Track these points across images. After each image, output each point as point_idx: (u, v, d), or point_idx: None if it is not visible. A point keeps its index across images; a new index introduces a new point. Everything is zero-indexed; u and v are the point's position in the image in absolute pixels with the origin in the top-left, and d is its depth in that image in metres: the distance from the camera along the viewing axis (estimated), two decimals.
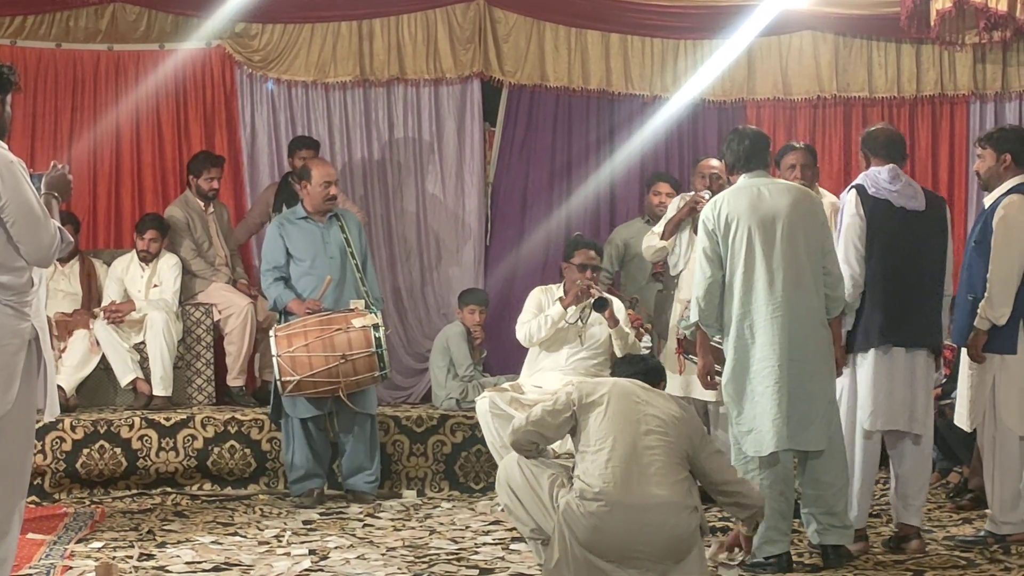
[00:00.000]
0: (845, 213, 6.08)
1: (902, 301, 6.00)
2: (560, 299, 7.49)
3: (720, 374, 5.90)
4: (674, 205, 7.62)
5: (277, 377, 7.24)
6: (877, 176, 6.08)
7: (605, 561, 5.04)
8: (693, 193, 7.47)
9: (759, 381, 5.68)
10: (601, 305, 7.31)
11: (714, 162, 7.59)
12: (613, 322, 7.40)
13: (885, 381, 6.00)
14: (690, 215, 7.32)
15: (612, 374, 5.78)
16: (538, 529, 5.29)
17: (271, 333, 7.35)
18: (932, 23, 8.71)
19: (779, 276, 5.67)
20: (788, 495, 5.75)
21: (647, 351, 7.83)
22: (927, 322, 6.11)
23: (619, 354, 7.22)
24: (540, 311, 7.58)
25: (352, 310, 7.40)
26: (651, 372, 5.57)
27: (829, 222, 6.07)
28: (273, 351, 7.24)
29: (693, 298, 5.89)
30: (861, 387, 6.03)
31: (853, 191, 6.10)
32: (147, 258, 8.49)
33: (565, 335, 7.50)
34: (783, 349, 5.63)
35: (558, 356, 7.50)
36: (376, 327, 7.27)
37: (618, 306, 7.58)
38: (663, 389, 5.50)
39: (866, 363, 6.03)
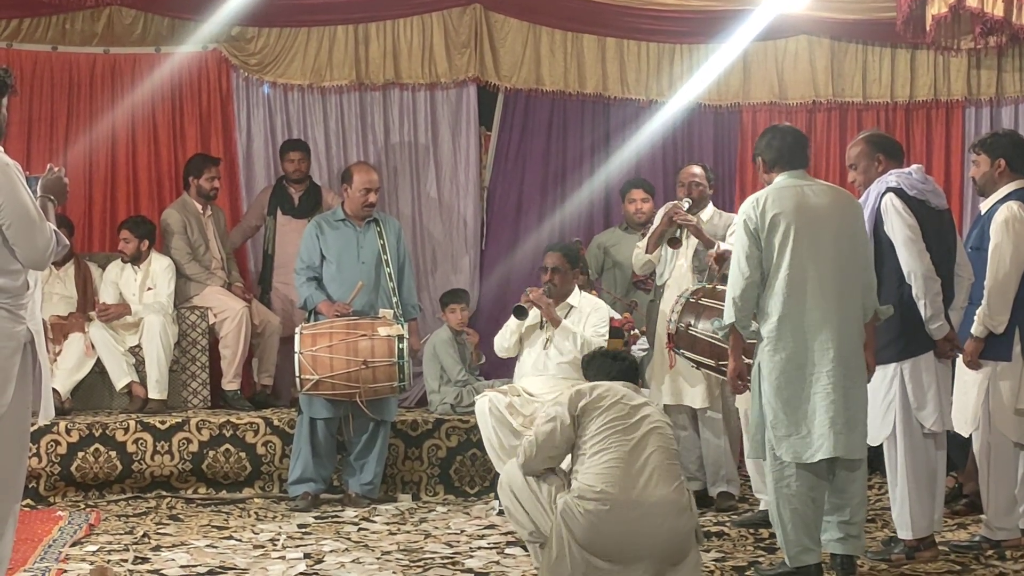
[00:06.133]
0: (893, 219, 5.87)
1: (948, 301, 5.93)
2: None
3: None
4: (659, 216, 7.54)
5: (297, 374, 7.28)
6: (909, 177, 5.95)
7: (603, 560, 5.07)
8: (673, 203, 7.42)
9: (807, 386, 5.44)
10: (518, 312, 7.31)
11: (696, 169, 7.58)
12: (554, 322, 7.31)
13: (945, 382, 5.96)
14: (670, 226, 7.29)
15: (586, 373, 5.75)
16: (536, 532, 5.32)
17: (297, 330, 7.40)
18: (928, 28, 8.70)
19: (829, 279, 5.47)
20: (820, 502, 5.52)
21: (643, 353, 7.83)
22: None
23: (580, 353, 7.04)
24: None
25: (380, 318, 7.44)
26: (629, 371, 5.62)
27: None
28: (296, 348, 7.28)
29: (728, 298, 5.53)
30: (928, 389, 5.89)
31: (892, 195, 5.90)
32: (125, 259, 8.51)
33: (535, 341, 7.42)
34: (836, 354, 5.43)
35: (542, 361, 7.39)
36: (401, 338, 7.30)
37: (593, 304, 7.46)
38: (640, 387, 5.52)
39: (928, 365, 5.92)
